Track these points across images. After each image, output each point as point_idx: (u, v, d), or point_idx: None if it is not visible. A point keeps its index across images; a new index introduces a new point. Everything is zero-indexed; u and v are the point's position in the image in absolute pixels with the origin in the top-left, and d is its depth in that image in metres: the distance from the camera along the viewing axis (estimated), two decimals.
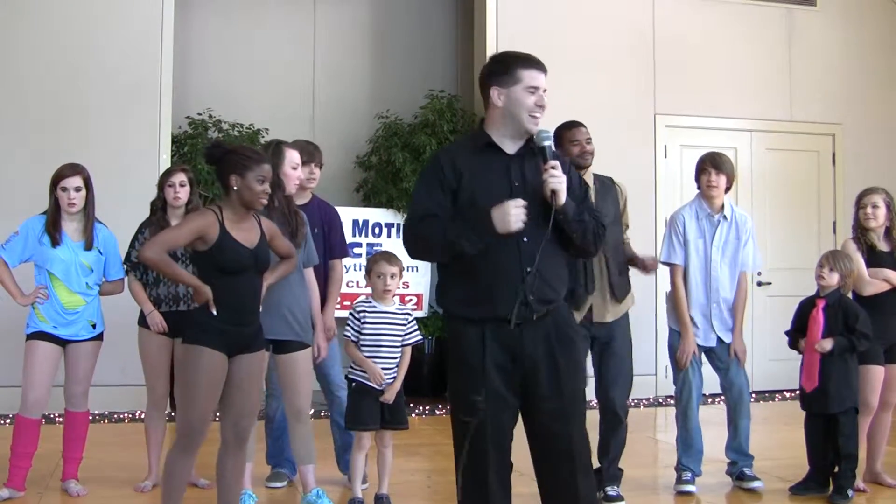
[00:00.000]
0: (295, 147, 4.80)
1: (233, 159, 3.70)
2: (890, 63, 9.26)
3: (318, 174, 5.03)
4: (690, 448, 5.03)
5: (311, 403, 4.59)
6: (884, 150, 9.13)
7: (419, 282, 8.13)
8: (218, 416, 3.85)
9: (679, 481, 5.00)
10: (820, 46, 9.13)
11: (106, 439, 6.17)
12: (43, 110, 7.23)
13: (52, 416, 6.01)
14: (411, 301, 8.05)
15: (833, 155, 9.13)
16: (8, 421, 6.33)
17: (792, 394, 7.96)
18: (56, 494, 4.78)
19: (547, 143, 3.16)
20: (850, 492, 4.79)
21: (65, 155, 5.34)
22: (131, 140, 7.33)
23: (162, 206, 4.97)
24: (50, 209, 4.75)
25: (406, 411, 4.62)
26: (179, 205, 4.93)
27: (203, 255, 3.68)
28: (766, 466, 5.55)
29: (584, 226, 3.20)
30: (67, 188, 4.70)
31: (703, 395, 5.18)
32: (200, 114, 8.04)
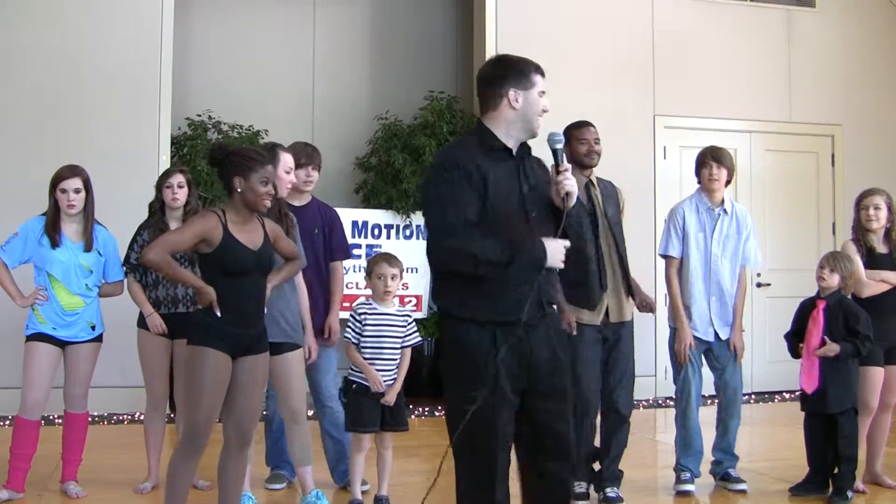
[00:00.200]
0: (291, 150, 4.79)
1: (236, 161, 3.70)
2: (889, 64, 9.27)
3: (316, 177, 5.00)
4: (690, 448, 5.03)
5: (307, 405, 4.57)
6: (883, 151, 9.13)
7: (418, 283, 8.12)
8: (219, 418, 3.85)
9: (678, 481, 5.00)
10: (819, 47, 9.13)
11: (105, 441, 6.16)
12: (43, 111, 7.23)
13: (52, 418, 6.00)
14: (411, 302, 8.04)
15: (832, 156, 9.13)
16: (7, 422, 6.33)
17: (791, 395, 7.97)
18: (55, 496, 4.78)
19: (559, 146, 3.21)
20: (850, 493, 4.79)
21: (64, 156, 5.34)
22: (131, 141, 7.33)
23: (160, 208, 4.97)
24: (49, 211, 4.75)
25: (406, 413, 4.62)
26: (177, 206, 4.92)
27: (207, 258, 3.67)
28: (766, 467, 5.56)
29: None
30: (67, 190, 4.70)
31: (703, 396, 5.18)
32: (200, 115, 8.04)
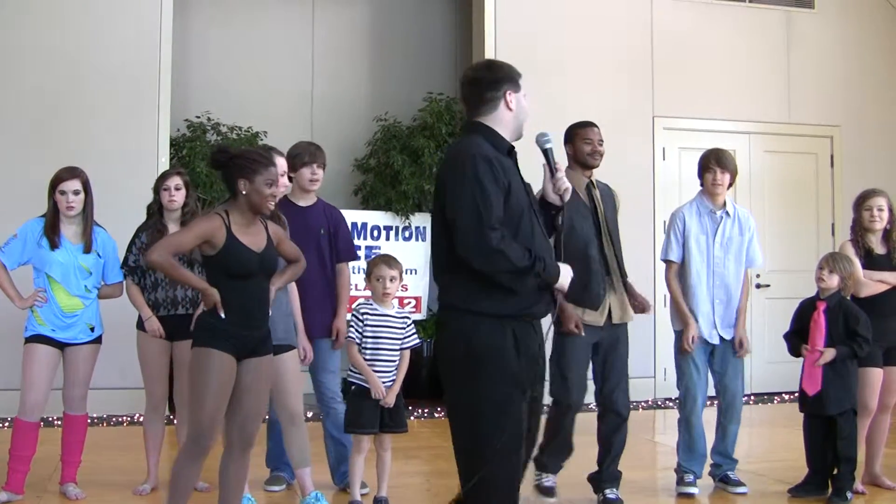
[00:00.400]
0: (296, 149, 4.82)
1: (240, 164, 3.68)
2: (888, 65, 9.27)
3: (321, 175, 4.99)
4: (693, 452, 5.03)
5: (307, 406, 4.56)
6: (882, 152, 9.13)
7: (418, 285, 8.12)
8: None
9: (682, 483, 4.99)
10: (818, 48, 9.13)
11: (105, 442, 6.16)
12: (42, 113, 7.22)
13: (51, 420, 6.00)
14: (410, 304, 8.04)
15: (831, 157, 9.13)
16: (6, 424, 6.32)
17: (790, 396, 7.96)
18: (55, 498, 4.77)
19: (549, 146, 3.30)
20: (849, 494, 4.79)
21: (64, 157, 5.33)
22: (130, 143, 7.32)
23: (158, 210, 4.96)
24: (49, 212, 4.75)
25: (405, 414, 4.62)
26: (175, 208, 4.92)
27: (211, 260, 3.67)
28: (765, 469, 5.56)
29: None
30: (66, 192, 4.70)
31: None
32: (199, 116, 8.04)
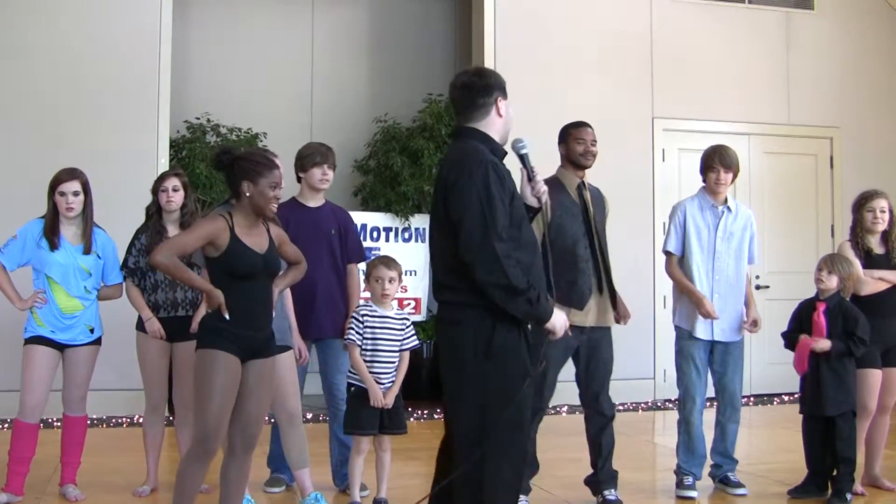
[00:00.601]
0: (307, 149, 4.94)
1: (245, 166, 3.67)
2: (887, 66, 9.28)
3: (331, 176, 5.03)
4: (693, 453, 5.03)
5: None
6: (881, 154, 9.14)
7: (417, 286, 8.12)
8: None
9: (681, 486, 4.99)
10: (818, 50, 9.14)
11: (104, 444, 6.16)
12: (41, 114, 7.22)
13: (51, 421, 6.00)
14: (409, 305, 8.04)
15: (831, 158, 9.13)
16: (6, 425, 6.32)
17: (790, 397, 7.97)
18: (54, 499, 4.77)
19: (525, 151, 3.36)
20: (849, 495, 4.79)
21: (63, 159, 5.34)
22: (129, 144, 7.33)
23: (157, 211, 4.96)
24: (48, 213, 4.75)
25: (404, 415, 4.62)
26: (173, 209, 4.92)
27: (215, 261, 3.66)
28: (765, 470, 5.55)
29: None
30: (65, 193, 4.70)
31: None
32: (199, 118, 8.04)
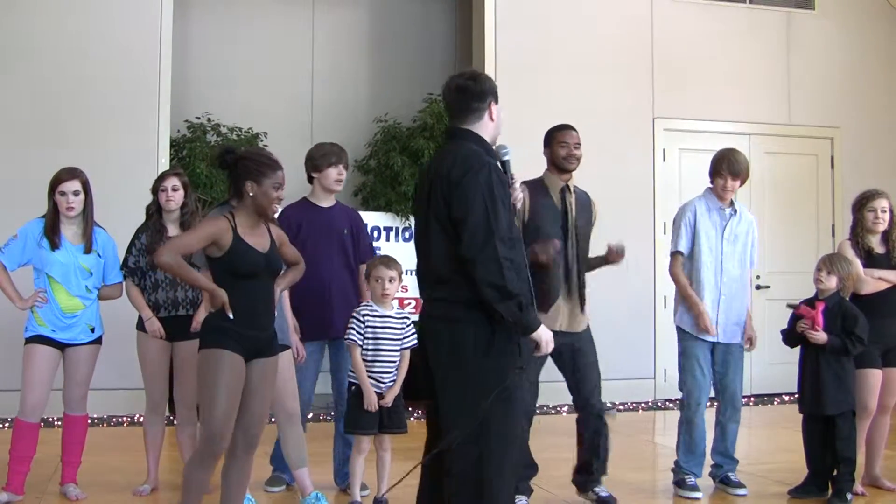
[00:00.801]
0: (319, 150, 4.92)
1: (248, 166, 3.67)
2: (888, 66, 9.27)
3: (345, 175, 5.06)
4: (694, 453, 5.02)
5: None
6: (882, 154, 9.14)
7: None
8: None
9: (683, 485, 4.97)
10: (818, 50, 9.13)
11: (105, 443, 6.16)
12: (42, 114, 7.22)
13: (51, 420, 6.00)
14: (410, 304, 8.04)
15: (831, 158, 9.13)
16: (7, 425, 6.33)
17: (790, 397, 7.96)
18: (55, 498, 4.77)
19: (507, 158, 3.38)
20: (849, 495, 4.79)
21: (63, 158, 5.33)
22: (130, 144, 7.33)
23: (157, 210, 4.96)
24: (48, 213, 4.75)
25: (405, 415, 4.62)
26: (172, 209, 4.92)
27: (217, 261, 3.66)
28: (765, 470, 5.55)
29: None
30: (66, 192, 4.70)
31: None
32: (199, 117, 8.04)
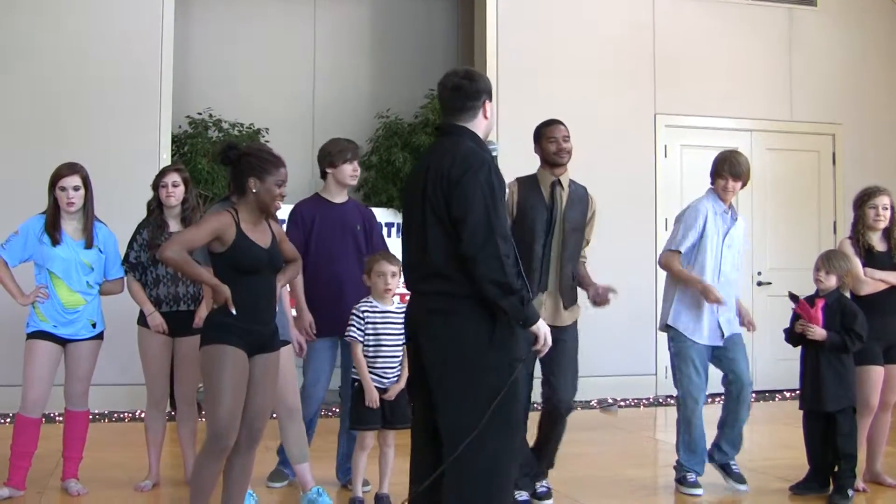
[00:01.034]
0: (333, 145, 4.93)
1: (252, 163, 3.68)
2: (890, 63, 9.26)
3: (359, 171, 5.08)
4: (694, 452, 5.02)
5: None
6: (883, 150, 9.13)
7: None
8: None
9: (685, 482, 4.97)
10: (820, 46, 9.12)
11: (106, 439, 6.17)
12: (43, 110, 7.21)
13: (53, 416, 6.00)
14: None
15: (833, 155, 9.12)
16: (8, 420, 6.34)
17: (792, 394, 7.96)
18: (56, 493, 4.78)
19: (495, 154, 3.38)
20: (851, 491, 4.79)
21: (65, 155, 5.33)
22: (131, 139, 7.32)
23: (158, 206, 4.96)
24: (49, 209, 4.75)
25: (408, 411, 4.61)
26: (173, 204, 4.92)
27: (220, 256, 3.67)
28: (766, 466, 5.56)
29: None
30: (66, 188, 4.70)
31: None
32: (201, 113, 8.04)
